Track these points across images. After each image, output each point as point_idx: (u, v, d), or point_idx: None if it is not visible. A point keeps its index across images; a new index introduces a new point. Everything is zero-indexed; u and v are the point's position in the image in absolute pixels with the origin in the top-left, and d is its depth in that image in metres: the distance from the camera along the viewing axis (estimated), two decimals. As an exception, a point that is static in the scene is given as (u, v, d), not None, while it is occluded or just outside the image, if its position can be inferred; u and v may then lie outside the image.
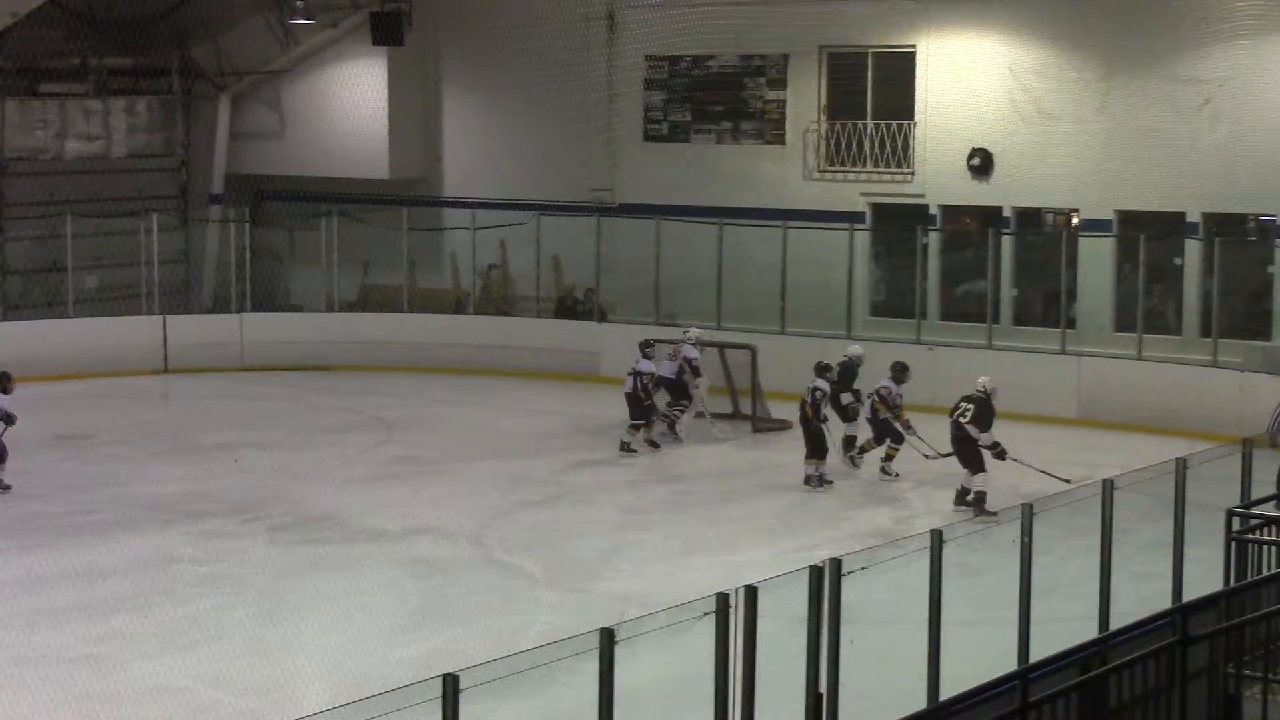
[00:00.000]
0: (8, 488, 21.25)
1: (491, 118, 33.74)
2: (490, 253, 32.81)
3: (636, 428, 24.01)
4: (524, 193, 32.34)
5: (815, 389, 21.86)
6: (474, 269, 32.64)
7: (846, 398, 22.88)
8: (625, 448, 23.86)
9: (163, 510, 20.37)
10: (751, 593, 10.28)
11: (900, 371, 22.28)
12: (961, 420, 20.46)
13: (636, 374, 23.95)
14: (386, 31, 32.33)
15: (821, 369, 22.30)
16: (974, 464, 20.30)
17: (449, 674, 8.42)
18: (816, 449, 21.67)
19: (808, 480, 21.65)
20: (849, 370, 23.15)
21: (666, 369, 24.66)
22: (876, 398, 21.96)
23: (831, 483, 21.71)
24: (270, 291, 33.19)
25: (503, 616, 16.42)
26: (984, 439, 20.34)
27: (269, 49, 33.87)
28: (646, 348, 24.38)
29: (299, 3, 32.02)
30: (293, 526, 19.81)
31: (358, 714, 8.44)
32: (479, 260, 32.57)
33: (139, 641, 15.43)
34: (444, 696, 8.42)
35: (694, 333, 25.56)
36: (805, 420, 21.75)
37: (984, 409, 20.48)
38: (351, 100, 33.72)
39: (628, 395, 24.02)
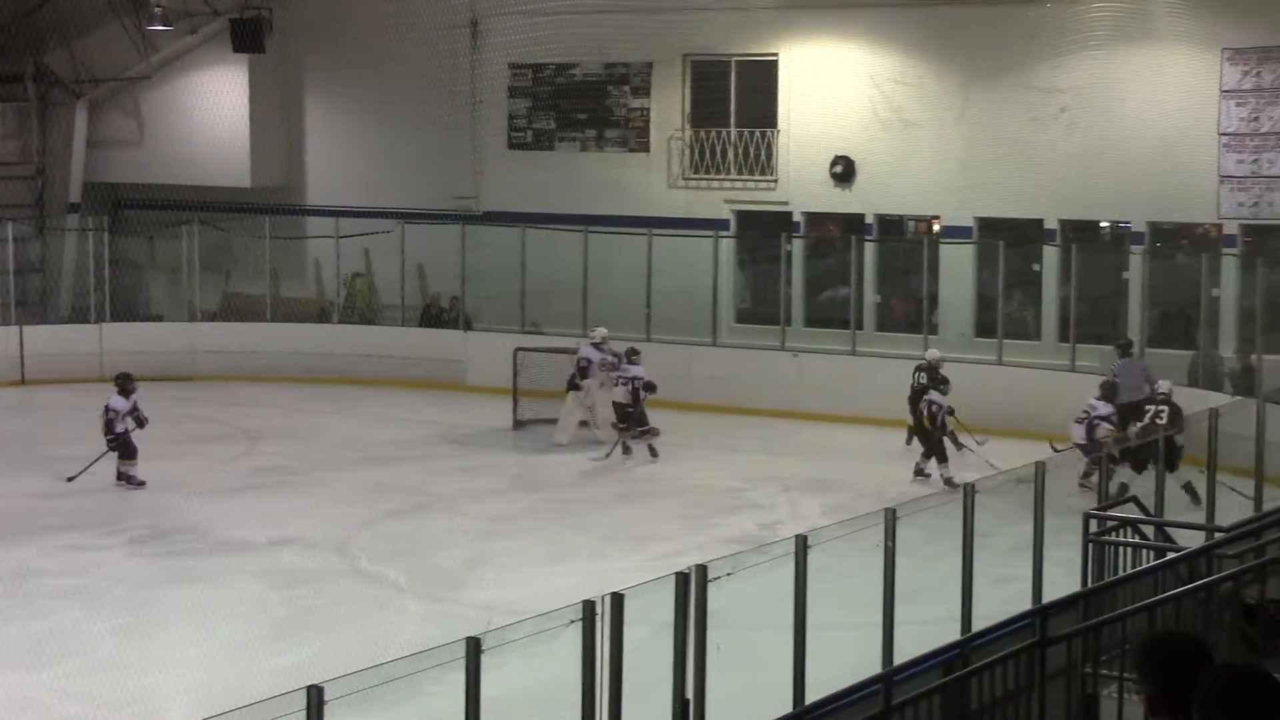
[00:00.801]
0: (142, 483, 21.56)
1: (355, 125, 33.54)
2: (354, 261, 32.59)
3: (628, 430, 23.97)
4: (388, 201, 32.12)
5: (931, 403, 22.30)
6: (338, 277, 32.42)
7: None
8: (627, 450, 23.89)
9: (21, 523, 20.01)
10: (618, 600, 10.30)
11: (1111, 391, 22.32)
12: (1158, 422, 20.66)
13: (629, 379, 24.12)
14: (247, 39, 31.91)
15: (937, 381, 22.75)
16: (1169, 463, 20.44)
17: (313, 685, 8.36)
18: (941, 456, 22.07)
19: (938, 482, 21.78)
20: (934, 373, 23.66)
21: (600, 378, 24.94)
22: (1103, 423, 21.66)
23: (958, 486, 21.36)
24: (130, 301, 32.76)
25: (369, 627, 16.31)
26: (1180, 439, 20.49)
27: (127, 55, 33.36)
28: (634, 354, 24.41)
29: (157, 9, 31.57)
30: (154, 539, 19.58)
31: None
32: (343, 268, 32.35)
33: (-3, 657, 15.17)
34: (308, 708, 8.36)
35: (600, 331, 25.57)
36: (924, 431, 22.41)
37: (1177, 410, 20.81)
38: (212, 108, 33.31)
39: (616, 404, 24.15)
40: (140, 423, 21.76)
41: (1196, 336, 25.79)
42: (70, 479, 21.40)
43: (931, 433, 22.29)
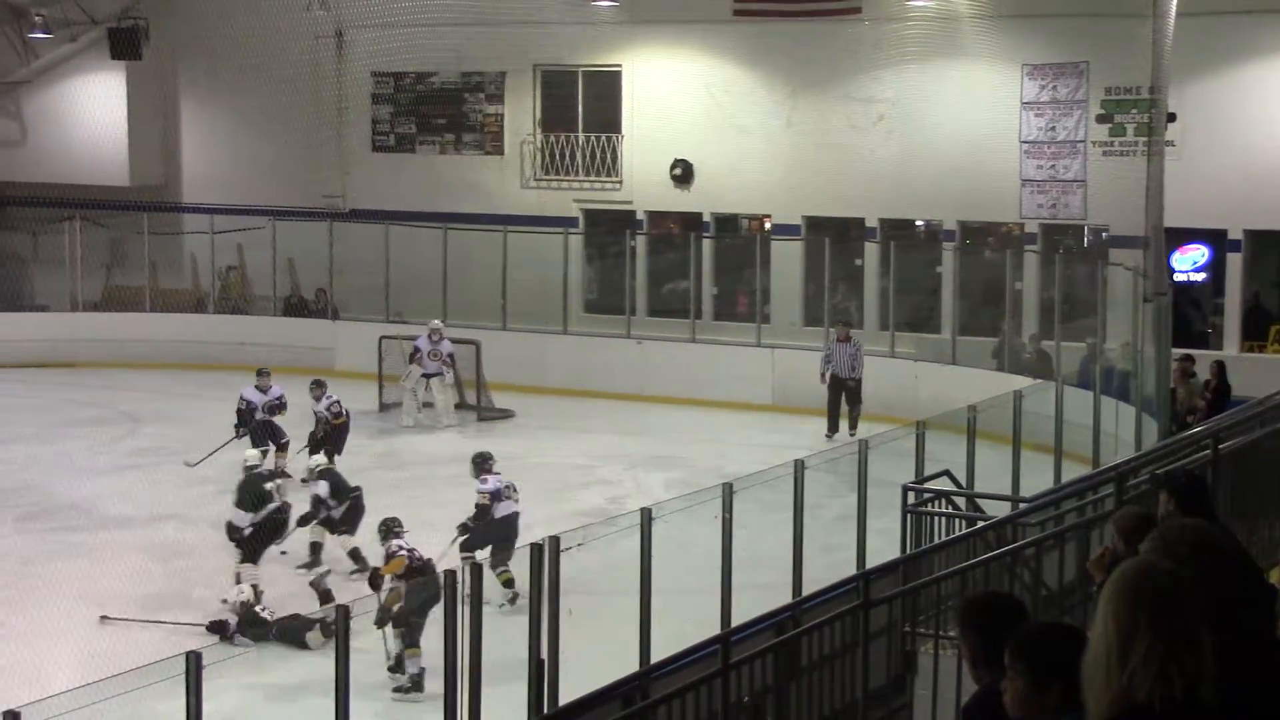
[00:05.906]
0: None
1: (228, 128, 33.09)
2: (228, 255, 32.17)
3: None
4: (260, 199, 31.72)
5: None
6: (213, 270, 31.99)
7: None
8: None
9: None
10: (477, 569, 10.28)
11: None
12: None
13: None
14: (124, 46, 31.37)
15: None
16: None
17: (192, 651, 8.26)
18: None
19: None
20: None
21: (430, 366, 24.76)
22: None
23: None
24: (15, 292, 32.00)
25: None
26: None
27: (8, 61, 32.62)
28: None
29: (37, 18, 30.91)
30: (40, 515, 19.19)
31: (104, 692, 8.25)
32: (218, 262, 31.92)
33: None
34: (187, 672, 8.26)
35: (434, 323, 25.45)
36: None
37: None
38: (92, 111, 32.59)
39: None
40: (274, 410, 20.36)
41: (1001, 325, 26.19)
42: (191, 464, 20.49)
43: None
